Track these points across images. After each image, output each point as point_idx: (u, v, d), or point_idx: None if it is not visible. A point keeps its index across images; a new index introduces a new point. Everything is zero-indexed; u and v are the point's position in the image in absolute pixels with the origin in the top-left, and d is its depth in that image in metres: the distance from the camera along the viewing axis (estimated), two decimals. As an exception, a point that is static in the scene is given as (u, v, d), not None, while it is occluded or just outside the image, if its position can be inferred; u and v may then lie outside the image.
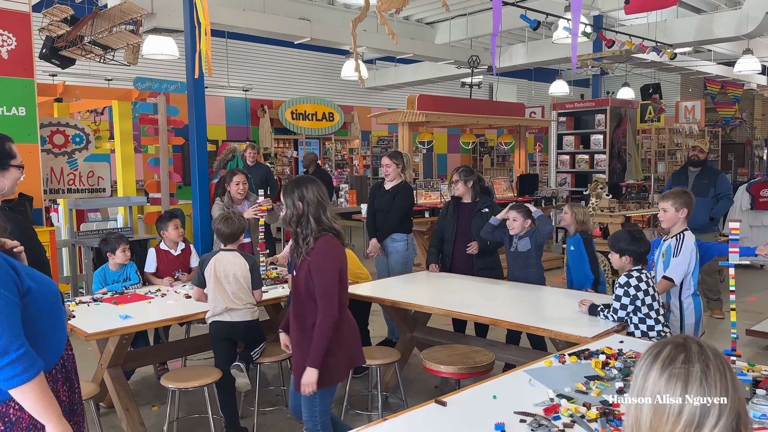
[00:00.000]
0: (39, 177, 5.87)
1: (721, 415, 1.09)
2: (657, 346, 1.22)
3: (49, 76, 9.34)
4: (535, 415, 2.14)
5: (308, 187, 2.75)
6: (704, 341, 1.21)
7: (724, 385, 1.11)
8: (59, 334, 2.10)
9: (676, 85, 18.54)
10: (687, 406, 1.10)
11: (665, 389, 1.13)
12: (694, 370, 1.12)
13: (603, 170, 10.68)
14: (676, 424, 1.10)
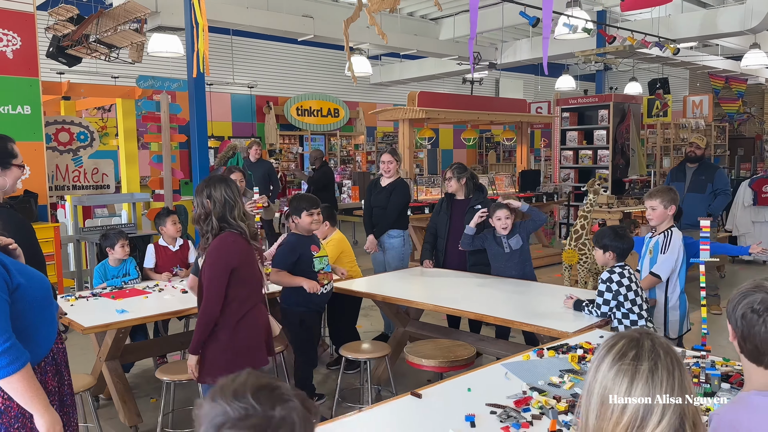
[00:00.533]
0: (44, 174, 5.99)
1: (665, 414, 1.12)
2: (613, 338, 1.24)
3: (57, 74, 9.47)
4: (506, 407, 2.21)
5: (217, 187, 2.84)
6: (660, 338, 1.22)
7: (671, 384, 1.13)
8: (49, 327, 2.19)
9: (685, 80, 18.44)
10: (631, 403, 1.13)
11: (612, 383, 1.16)
12: (642, 368, 1.14)
13: (606, 166, 10.68)
14: (620, 419, 1.13)
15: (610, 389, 1.16)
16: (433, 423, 2.13)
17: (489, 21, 11.82)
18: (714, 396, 2.22)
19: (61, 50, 7.33)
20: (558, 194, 9.69)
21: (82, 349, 5.18)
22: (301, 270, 3.80)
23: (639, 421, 1.13)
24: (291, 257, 3.79)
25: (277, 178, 7.78)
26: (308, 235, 3.91)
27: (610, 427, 1.14)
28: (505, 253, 4.48)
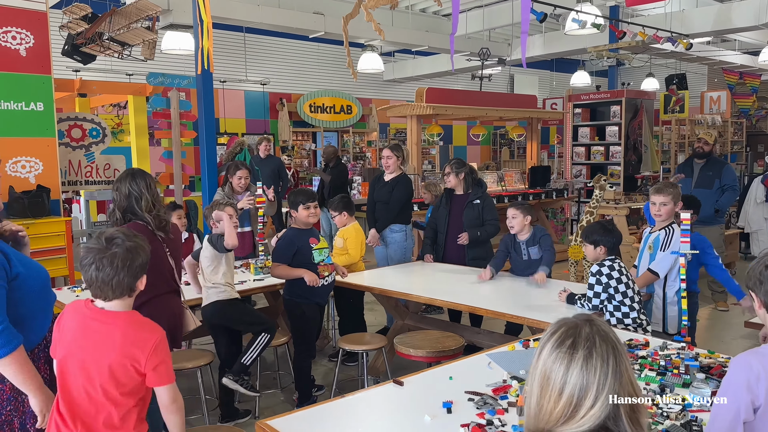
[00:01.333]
0: (56, 169, 6.13)
1: (597, 398, 1.17)
2: (556, 324, 1.29)
3: (72, 71, 9.66)
4: (484, 394, 2.25)
5: (123, 180, 2.92)
6: (601, 325, 1.25)
7: (604, 371, 1.18)
8: (44, 316, 2.27)
9: (703, 76, 18.19)
10: (567, 387, 1.19)
11: (551, 369, 1.22)
12: (577, 355, 1.20)
13: (618, 162, 10.61)
14: (557, 402, 1.20)
15: (548, 374, 1.21)
16: (412, 409, 2.18)
17: (500, 17, 11.79)
18: (690, 386, 2.24)
19: (76, 48, 7.48)
20: (568, 190, 9.65)
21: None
22: (301, 262, 3.85)
23: (574, 404, 1.18)
24: (288, 250, 3.85)
25: (286, 174, 7.85)
26: (307, 228, 3.96)
27: (549, 409, 1.20)
28: (523, 260, 4.41)
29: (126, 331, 1.95)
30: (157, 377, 1.95)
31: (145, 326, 2.00)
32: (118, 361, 1.91)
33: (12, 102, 5.77)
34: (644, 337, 2.87)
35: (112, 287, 1.95)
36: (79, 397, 1.95)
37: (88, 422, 1.94)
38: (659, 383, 2.30)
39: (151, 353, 1.92)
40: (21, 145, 5.83)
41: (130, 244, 2.00)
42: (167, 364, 1.98)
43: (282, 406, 4.12)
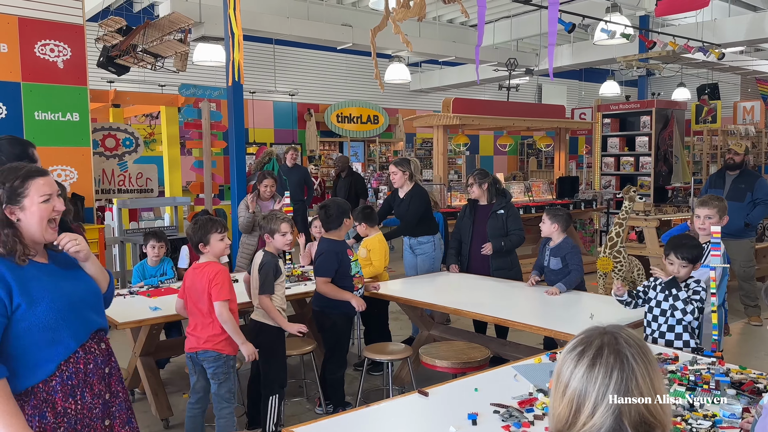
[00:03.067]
0: (90, 178, 6.29)
1: (596, 408, 1.17)
2: (582, 332, 1.31)
3: (107, 83, 9.91)
4: (509, 407, 2.24)
5: None
6: (618, 339, 1.24)
7: (605, 383, 1.18)
8: (55, 348, 1.99)
9: (736, 86, 17.87)
10: (569, 388, 1.21)
11: (560, 369, 1.25)
12: (582, 361, 1.21)
13: (648, 173, 10.47)
14: (560, 401, 1.23)
15: (558, 374, 1.25)
16: (436, 420, 2.19)
17: (528, 27, 11.78)
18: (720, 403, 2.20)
19: (111, 60, 7.69)
20: (597, 201, 9.55)
21: (123, 344, 5.41)
22: (341, 274, 3.83)
23: (574, 409, 1.19)
24: (335, 264, 3.82)
25: (312, 183, 7.94)
26: (341, 240, 3.97)
27: (556, 407, 1.23)
28: (544, 265, 4.39)
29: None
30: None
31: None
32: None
33: (49, 112, 5.95)
34: (674, 351, 2.83)
35: None
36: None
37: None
38: (688, 398, 2.27)
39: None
40: (57, 154, 6.00)
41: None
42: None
43: (307, 414, 4.14)
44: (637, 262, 6.65)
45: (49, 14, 5.91)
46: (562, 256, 4.26)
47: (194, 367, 3.30)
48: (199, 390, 3.33)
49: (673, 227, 4.30)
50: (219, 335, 3.19)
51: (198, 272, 3.24)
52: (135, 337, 4.08)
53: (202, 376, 3.29)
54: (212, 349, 3.19)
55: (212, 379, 3.24)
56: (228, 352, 3.23)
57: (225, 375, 3.23)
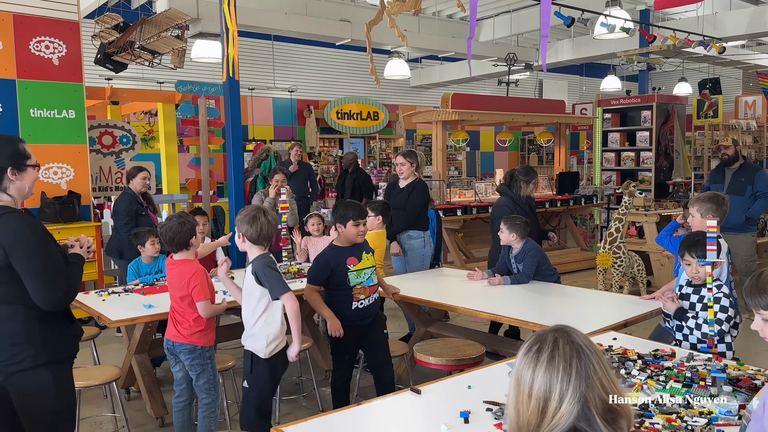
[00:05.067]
0: (87, 175, 6.27)
1: (562, 399, 1.20)
2: (531, 336, 1.34)
3: (105, 80, 9.88)
4: (502, 404, 2.21)
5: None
6: (570, 333, 1.28)
7: (567, 372, 1.21)
8: None
9: (738, 80, 17.80)
10: (534, 389, 1.23)
11: (521, 373, 1.27)
12: (541, 358, 1.24)
13: (649, 168, 10.43)
14: (528, 403, 1.24)
15: (519, 378, 1.27)
16: (429, 418, 2.16)
17: (528, 22, 11.71)
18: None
19: (108, 57, 7.66)
20: (597, 197, 9.50)
21: (120, 342, 5.40)
22: (335, 284, 3.48)
23: (541, 406, 1.22)
24: (323, 273, 3.47)
25: (316, 180, 7.91)
26: (348, 246, 3.53)
27: (523, 412, 1.25)
28: (514, 272, 4.37)
29: None
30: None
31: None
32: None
33: (45, 110, 5.92)
34: (671, 348, 2.80)
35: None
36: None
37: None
38: (684, 395, 2.23)
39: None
40: (53, 152, 5.98)
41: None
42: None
43: (303, 412, 4.11)
44: (637, 257, 6.61)
45: (44, 11, 5.88)
46: (522, 259, 4.27)
47: (174, 358, 3.32)
48: (182, 381, 3.36)
49: (665, 227, 4.25)
50: (192, 328, 3.23)
51: (176, 270, 3.26)
52: (129, 335, 4.06)
53: (183, 367, 3.32)
54: (187, 341, 3.23)
55: (189, 370, 3.28)
56: (203, 344, 3.26)
57: (201, 366, 3.26)
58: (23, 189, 2.38)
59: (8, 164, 2.31)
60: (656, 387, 2.33)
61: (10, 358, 2.28)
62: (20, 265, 2.24)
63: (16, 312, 2.29)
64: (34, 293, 2.26)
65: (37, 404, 2.33)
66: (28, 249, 2.25)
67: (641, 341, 2.96)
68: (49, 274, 2.28)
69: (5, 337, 2.28)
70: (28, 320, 2.30)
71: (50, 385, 2.35)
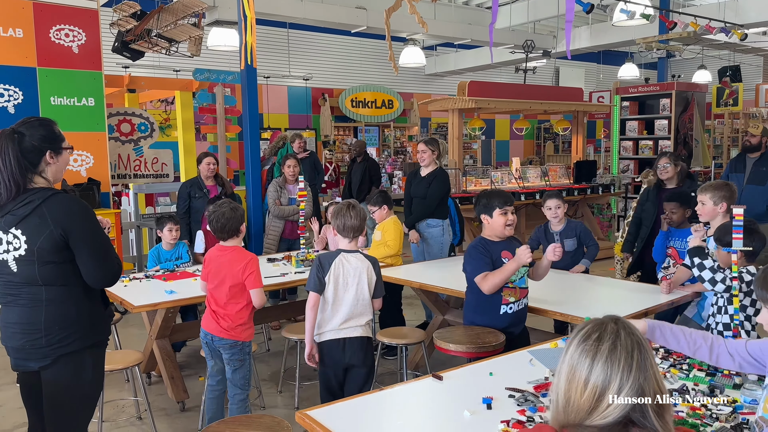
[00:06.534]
0: (106, 163, 6.33)
1: (621, 389, 1.22)
2: (584, 323, 1.36)
3: (122, 68, 9.93)
4: (524, 391, 2.22)
5: None
6: (625, 323, 1.31)
7: (628, 364, 1.24)
8: None
9: (759, 68, 17.49)
10: (591, 378, 1.25)
11: (577, 362, 1.28)
12: (602, 348, 1.26)
13: (667, 157, 10.31)
14: (582, 392, 1.25)
15: (575, 367, 1.27)
16: (451, 404, 2.17)
17: (546, 9, 11.58)
18: (741, 388, 2.16)
19: (125, 45, 7.69)
20: (615, 186, 9.42)
21: (140, 328, 5.47)
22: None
23: (597, 395, 1.23)
24: (485, 263, 3.13)
25: (322, 168, 7.92)
26: (499, 241, 3.22)
27: (575, 401, 1.26)
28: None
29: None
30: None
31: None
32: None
33: (65, 97, 5.97)
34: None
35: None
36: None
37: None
38: (709, 384, 2.23)
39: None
40: (72, 139, 5.94)
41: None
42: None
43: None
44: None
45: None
46: (577, 235, 4.28)
47: (210, 352, 3.30)
48: (218, 373, 3.34)
49: (657, 241, 4.26)
50: (235, 321, 3.19)
51: (227, 257, 3.19)
52: (151, 320, 4.11)
53: (219, 359, 3.30)
54: (228, 336, 3.19)
55: (228, 364, 3.25)
56: (244, 339, 3.23)
57: (240, 362, 3.23)
58: (59, 172, 2.38)
59: (47, 147, 2.29)
60: (679, 375, 2.32)
61: (61, 341, 2.26)
62: (79, 244, 2.22)
63: (69, 293, 2.27)
64: (90, 271, 2.26)
65: (72, 388, 2.31)
66: (86, 228, 2.25)
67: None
68: (106, 253, 2.31)
69: (57, 320, 2.25)
70: (79, 301, 2.30)
71: (89, 369, 2.34)
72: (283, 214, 5.67)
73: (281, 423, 2.27)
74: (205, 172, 5.56)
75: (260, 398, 4.06)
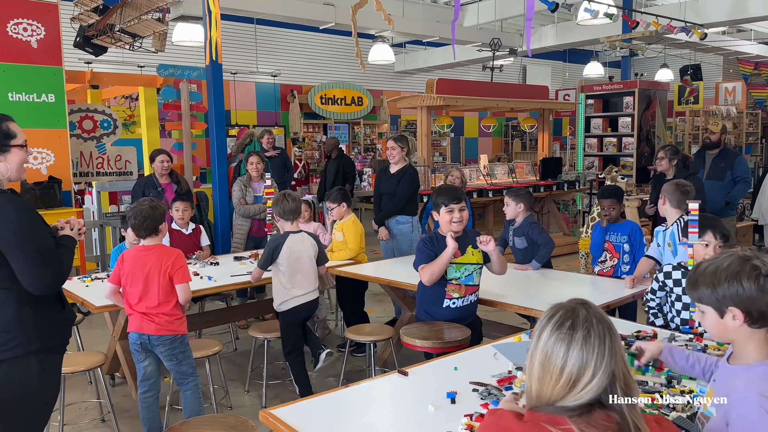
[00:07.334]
0: (68, 161, 6.18)
1: (595, 374, 1.26)
2: (553, 308, 1.38)
3: (84, 63, 9.70)
4: (488, 385, 2.24)
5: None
6: (595, 308, 1.34)
7: (602, 350, 1.27)
8: None
9: (718, 66, 17.95)
10: (567, 366, 1.28)
11: (551, 350, 1.30)
12: (576, 336, 1.29)
13: (631, 153, 10.53)
14: (558, 379, 1.28)
15: (549, 355, 1.30)
16: (416, 399, 2.18)
17: (512, 7, 11.69)
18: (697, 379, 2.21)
19: (87, 40, 7.51)
20: (580, 182, 9.58)
21: (103, 328, 5.36)
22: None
23: (573, 381, 1.27)
24: (429, 256, 3.22)
25: (291, 165, 7.88)
26: (457, 237, 3.21)
27: (550, 387, 1.29)
28: (510, 245, 4.52)
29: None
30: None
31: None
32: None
33: (24, 93, 5.82)
34: (653, 329, 2.85)
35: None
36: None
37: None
38: (666, 375, 2.28)
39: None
40: (32, 137, 5.86)
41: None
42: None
43: (291, 395, 4.13)
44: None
45: (22, -8, 5.76)
46: (526, 233, 4.33)
47: (143, 353, 3.21)
48: (151, 375, 3.27)
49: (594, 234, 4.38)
50: (173, 316, 3.15)
51: (153, 255, 3.15)
52: (114, 321, 4.03)
53: (154, 359, 3.24)
54: (167, 332, 3.15)
55: (170, 360, 3.19)
56: (183, 331, 3.22)
57: (183, 353, 3.21)
58: (14, 171, 2.31)
59: None
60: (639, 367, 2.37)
61: (2, 345, 2.19)
62: (9, 250, 2.15)
63: (9, 297, 2.20)
64: (24, 278, 2.17)
65: (17, 395, 2.23)
66: (17, 232, 2.16)
67: (624, 323, 3.01)
68: (41, 258, 2.20)
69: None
70: (21, 305, 2.22)
71: (35, 375, 2.25)
72: (249, 213, 5.62)
73: (245, 422, 2.25)
74: (159, 170, 5.48)
75: (227, 398, 4.02)
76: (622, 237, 4.16)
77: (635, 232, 4.14)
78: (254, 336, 4.05)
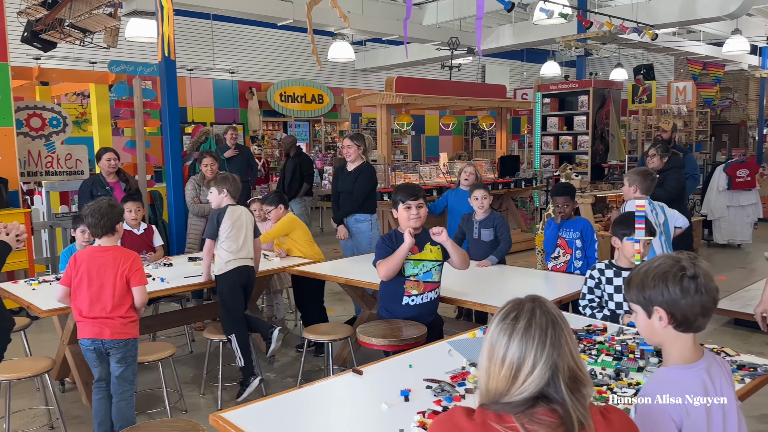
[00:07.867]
0: (15, 160, 5.97)
1: (536, 365, 1.26)
2: (507, 302, 1.39)
3: (33, 59, 9.39)
4: (441, 381, 2.25)
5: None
6: (545, 302, 1.35)
7: (542, 341, 1.27)
8: None
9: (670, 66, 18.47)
10: (508, 355, 1.28)
11: (495, 340, 1.31)
12: (518, 326, 1.29)
13: (586, 151, 10.75)
14: (500, 369, 1.29)
15: (494, 345, 1.31)
16: (370, 398, 2.17)
17: (471, 7, 11.77)
18: (643, 371, 2.27)
19: (35, 35, 7.26)
20: (537, 180, 9.73)
21: (53, 333, 5.20)
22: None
23: (514, 371, 1.27)
24: (387, 252, 3.21)
25: (256, 163, 7.77)
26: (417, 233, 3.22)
27: (494, 377, 1.29)
28: (473, 239, 4.54)
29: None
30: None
31: None
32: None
33: (-34, 90, 5.59)
34: (603, 323, 2.91)
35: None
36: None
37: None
38: (615, 368, 2.33)
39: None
40: (-24, 135, 5.66)
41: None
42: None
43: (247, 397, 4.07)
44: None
45: (-38, -16, 5.53)
46: (494, 227, 4.39)
47: (98, 358, 3.13)
48: (104, 377, 3.20)
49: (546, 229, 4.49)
50: (127, 319, 3.10)
51: (109, 256, 3.09)
52: (63, 324, 3.91)
53: (106, 364, 3.17)
54: (121, 336, 3.09)
55: (119, 363, 3.13)
56: (135, 335, 3.17)
57: (132, 357, 3.17)
58: None
59: None
60: (589, 361, 2.42)
61: None
62: None
63: None
64: None
65: None
66: None
67: (575, 317, 3.07)
68: None
69: None
70: None
71: None
72: (203, 212, 5.53)
73: (196, 426, 2.21)
74: (106, 169, 5.35)
75: (181, 401, 3.95)
76: (575, 233, 4.25)
77: (587, 229, 4.24)
78: (210, 338, 3.98)
